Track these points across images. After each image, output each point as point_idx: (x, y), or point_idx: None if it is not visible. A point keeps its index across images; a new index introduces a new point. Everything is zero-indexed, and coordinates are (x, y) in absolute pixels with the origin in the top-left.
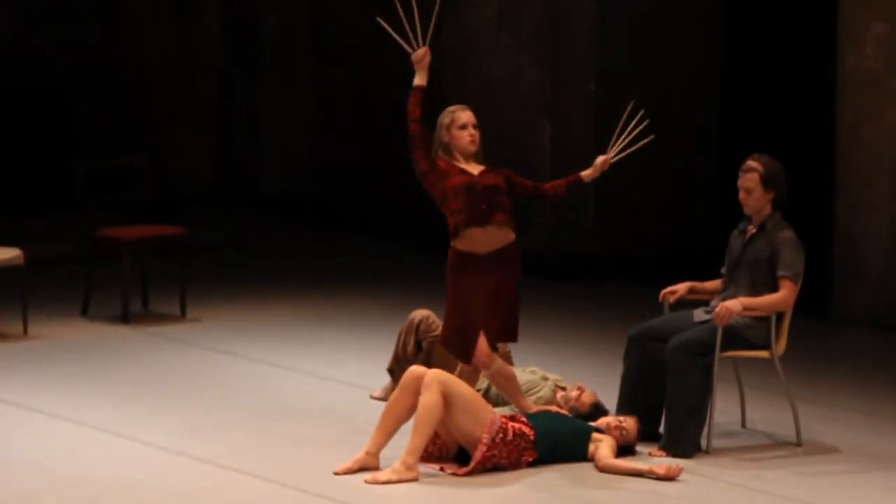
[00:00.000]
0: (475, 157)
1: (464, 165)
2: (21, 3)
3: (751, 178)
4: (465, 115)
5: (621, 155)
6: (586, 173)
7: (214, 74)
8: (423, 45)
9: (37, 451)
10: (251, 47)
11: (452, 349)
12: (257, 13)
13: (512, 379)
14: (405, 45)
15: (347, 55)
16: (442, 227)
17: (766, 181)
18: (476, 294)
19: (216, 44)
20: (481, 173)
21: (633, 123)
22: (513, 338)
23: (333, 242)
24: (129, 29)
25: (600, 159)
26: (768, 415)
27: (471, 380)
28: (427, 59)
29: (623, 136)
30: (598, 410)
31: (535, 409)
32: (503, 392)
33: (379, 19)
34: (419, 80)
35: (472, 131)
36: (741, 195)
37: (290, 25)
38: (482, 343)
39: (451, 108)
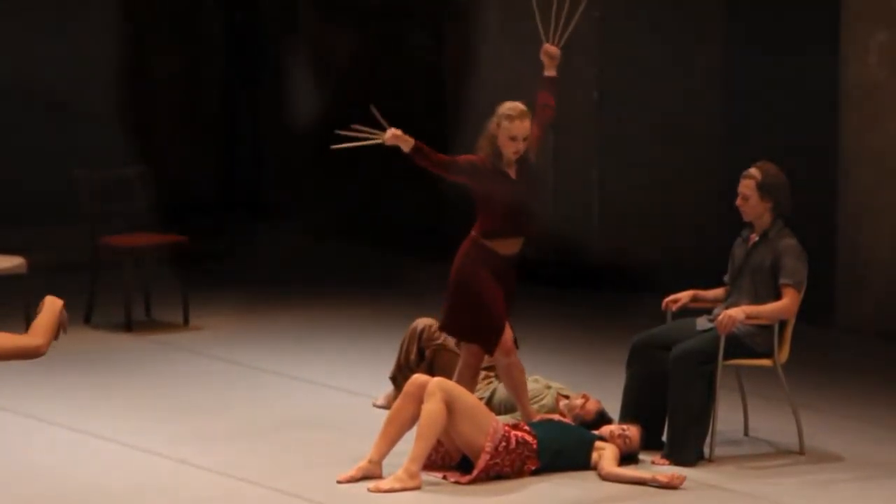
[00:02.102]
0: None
1: (501, 165)
2: (23, 10)
3: (747, 185)
4: (519, 128)
5: (565, 38)
6: (549, 72)
7: (216, 83)
8: None
9: (39, 460)
10: (252, 55)
11: (476, 338)
12: (259, 20)
13: (523, 375)
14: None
15: (349, 63)
16: (444, 235)
17: (763, 189)
18: (494, 289)
19: (217, 53)
20: (519, 178)
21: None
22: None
23: (335, 251)
24: (131, 36)
25: (553, 51)
26: (771, 423)
27: (469, 386)
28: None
29: (564, 24)
30: (602, 419)
31: (537, 416)
32: (511, 390)
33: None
34: (406, 146)
35: (520, 145)
36: (738, 201)
37: (291, 33)
38: (508, 331)
39: (511, 111)
